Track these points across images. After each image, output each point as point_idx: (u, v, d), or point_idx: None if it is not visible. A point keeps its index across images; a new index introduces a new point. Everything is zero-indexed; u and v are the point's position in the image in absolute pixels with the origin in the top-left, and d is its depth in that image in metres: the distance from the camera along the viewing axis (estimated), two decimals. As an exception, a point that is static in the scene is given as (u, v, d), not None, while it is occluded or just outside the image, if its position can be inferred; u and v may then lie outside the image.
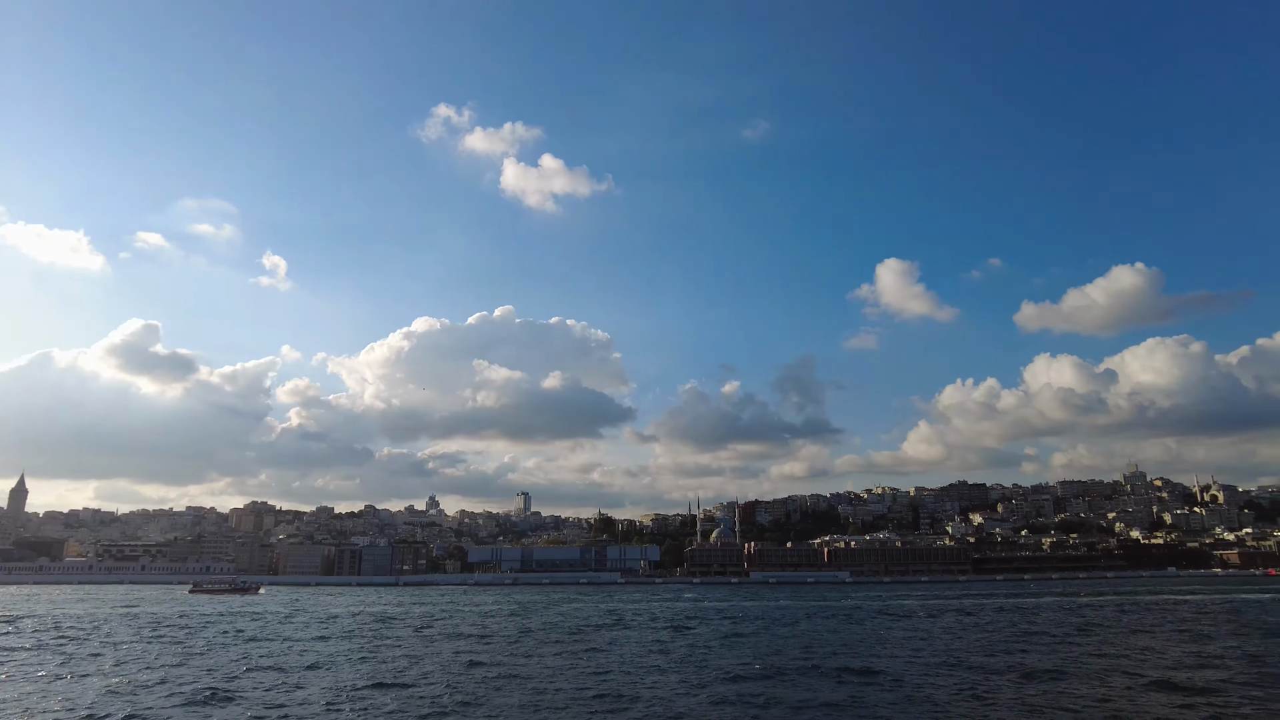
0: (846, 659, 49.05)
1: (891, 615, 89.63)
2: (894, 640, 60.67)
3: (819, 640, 61.67)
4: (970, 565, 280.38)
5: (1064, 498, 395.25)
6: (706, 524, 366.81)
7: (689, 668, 46.34)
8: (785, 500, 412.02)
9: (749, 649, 55.99)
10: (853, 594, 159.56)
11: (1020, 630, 68.01)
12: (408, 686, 39.94)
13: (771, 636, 65.61)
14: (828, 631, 69.69)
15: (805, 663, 47.82)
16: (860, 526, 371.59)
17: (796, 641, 61.09)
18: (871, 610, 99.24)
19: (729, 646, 57.98)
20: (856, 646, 56.40)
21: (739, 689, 38.36)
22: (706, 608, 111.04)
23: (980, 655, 49.96)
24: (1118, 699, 34.12)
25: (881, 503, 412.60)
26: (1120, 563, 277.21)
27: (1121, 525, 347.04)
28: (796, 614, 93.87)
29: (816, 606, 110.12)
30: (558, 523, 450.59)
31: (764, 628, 74.51)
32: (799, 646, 57.23)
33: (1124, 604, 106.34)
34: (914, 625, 74.79)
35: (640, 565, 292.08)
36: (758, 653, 53.36)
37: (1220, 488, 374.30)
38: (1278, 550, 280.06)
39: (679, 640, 63.26)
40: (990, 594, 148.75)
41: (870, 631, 69.04)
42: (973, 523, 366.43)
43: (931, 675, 41.74)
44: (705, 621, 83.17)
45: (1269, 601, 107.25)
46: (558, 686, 39.63)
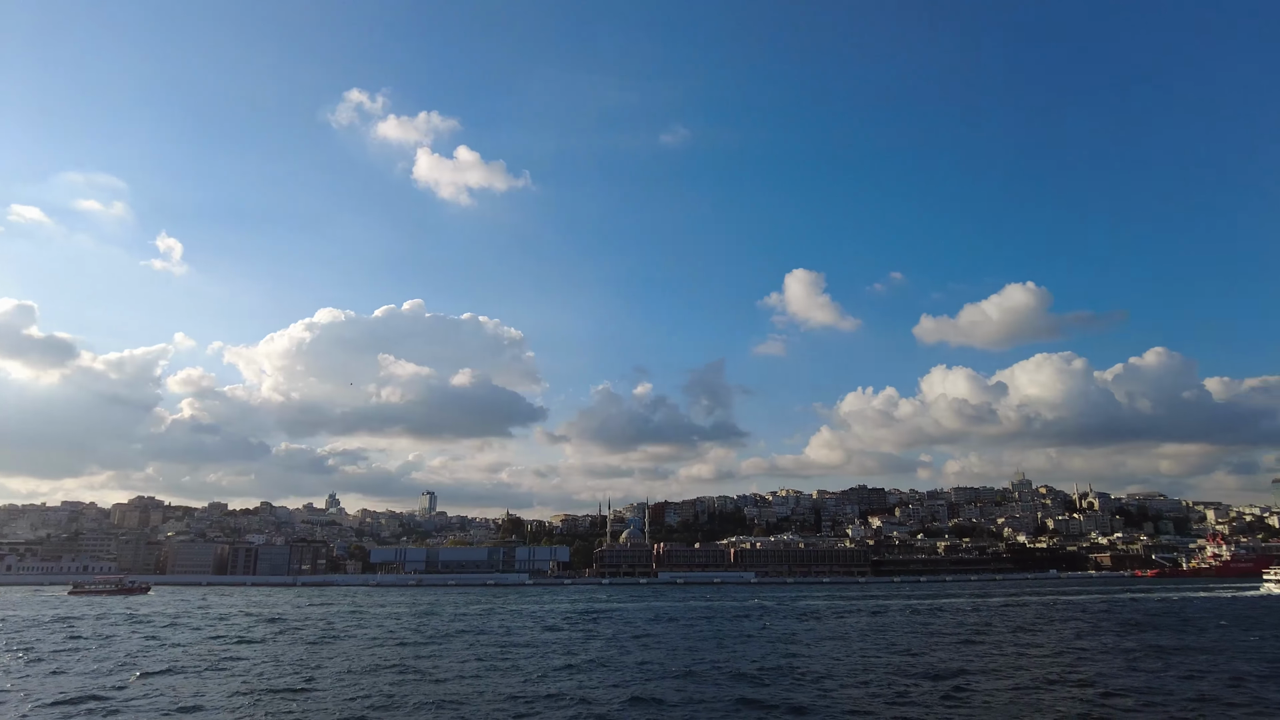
0: (763, 661, 49.74)
1: (802, 616, 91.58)
2: (806, 639, 62.06)
3: (730, 642, 62.40)
4: (869, 567, 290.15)
5: (957, 503, 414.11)
6: (616, 525, 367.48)
7: (600, 669, 46.08)
8: (694, 501, 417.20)
9: (662, 650, 56.15)
10: (760, 594, 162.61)
11: (933, 629, 70.66)
12: (306, 692, 38.30)
13: (685, 637, 66.09)
14: (739, 634, 70.59)
15: (720, 666, 48.21)
16: (765, 528, 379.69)
17: (711, 642, 61.64)
18: (781, 612, 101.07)
19: (643, 647, 58.02)
20: (775, 648, 57.33)
21: (656, 688, 38.35)
22: (614, 608, 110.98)
23: (898, 654, 51.58)
24: (1027, 691, 35.91)
25: (786, 505, 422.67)
26: (1008, 566, 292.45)
27: (1009, 530, 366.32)
28: (704, 614, 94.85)
29: (731, 607, 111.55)
30: (464, 523, 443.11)
31: (678, 628, 74.97)
32: (713, 647, 57.75)
33: (1010, 604, 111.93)
34: (834, 626, 76.67)
35: (549, 566, 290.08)
36: (672, 654, 53.55)
37: (1096, 495, 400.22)
38: (1144, 553, 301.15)
39: (590, 641, 63.00)
40: (891, 595, 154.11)
41: (786, 632, 70.35)
42: (871, 526, 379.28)
43: (855, 675, 42.77)
44: (612, 621, 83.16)
45: (1141, 600, 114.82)
46: (463, 690, 38.72)
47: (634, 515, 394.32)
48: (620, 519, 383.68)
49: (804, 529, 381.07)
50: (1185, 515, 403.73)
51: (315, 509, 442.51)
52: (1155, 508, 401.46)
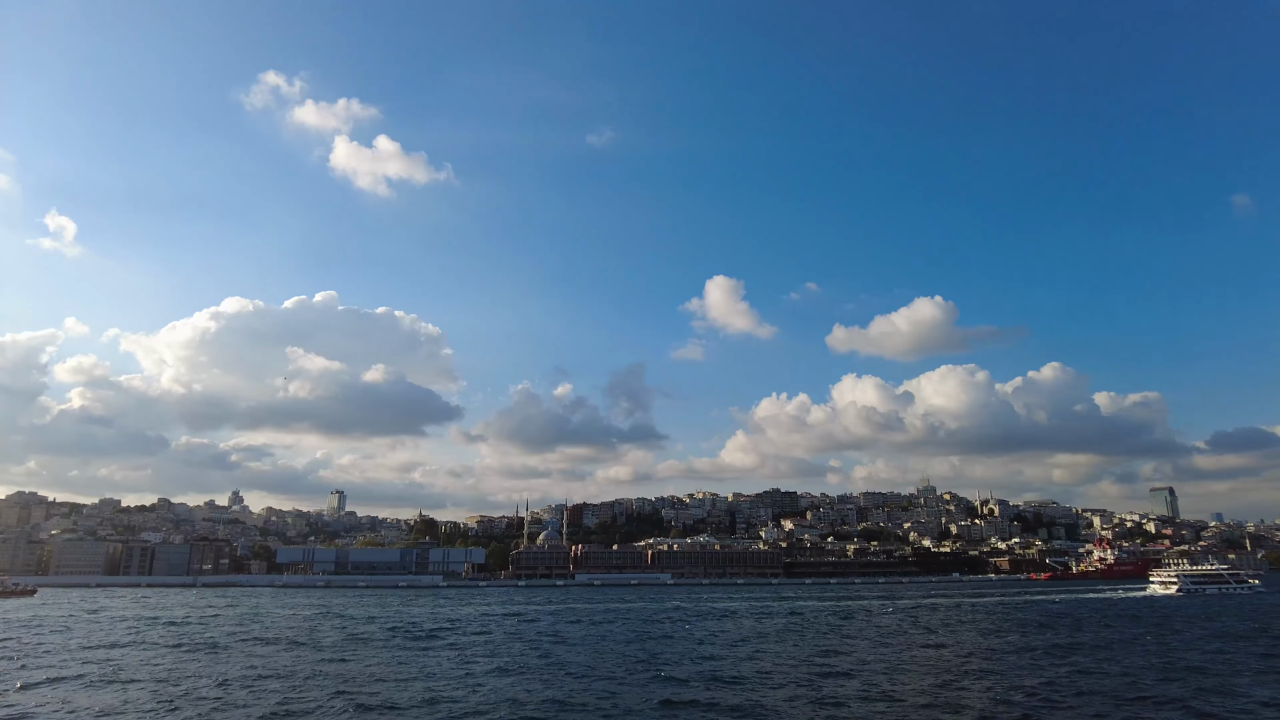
0: (684, 664, 50.28)
1: (721, 617, 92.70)
2: (725, 640, 63.00)
3: (650, 643, 62.81)
4: (782, 569, 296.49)
5: (866, 508, 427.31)
6: (534, 526, 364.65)
7: (518, 674, 45.68)
8: (612, 503, 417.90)
9: (581, 653, 56.12)
10: (677, 596, 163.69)
11: (850, 631, 72.67)
12: (211, 700, 36.74)
13: (603, 639, 66.16)
14: (658, 636, 71.07)
15: (641, 668, 48.48)
16: (682, 530, 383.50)
17: (632, 645, 61.90)
18: (700, 614, 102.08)
19: (562, 650, 57.83)
20: (695, 649, 57.99)
21: (577, 693, 38.30)
22: (530, 610, 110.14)
23: (820, 655, 52.94)
24: (942, 689, 37.41)
25: (702, 507, 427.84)
26: (914, 569, 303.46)
27: (915, 535, 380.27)
28: (620, 615, 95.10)
29: (648, 609, 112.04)
30: (375, 524, 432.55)
31: (595, 630, 74.99)
32: (634, 650, 58.06)
33: (920, 606, 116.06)
34: (753, 627, 77.89)
35: (464, 568, 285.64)
36: (597, 657, 53.58)
37: (996, 502, 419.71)
38: (1039, 558, 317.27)
39: (508, 644, 62.46)
40: (805, 596, 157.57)
41: (706, 634, 71.16)
42: (784, 528, 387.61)
43: (778, 676, 43.69)
44: (528, 623, 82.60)
45: (1039, 602, 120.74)
46: (383, 696, 37.79)
47: (551, 517, 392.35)
48: (537, 520, 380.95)
49: (720, 531, 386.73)
50: (1075, 521, 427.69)
51: (218, 506, 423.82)
52: (1049, 514, 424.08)
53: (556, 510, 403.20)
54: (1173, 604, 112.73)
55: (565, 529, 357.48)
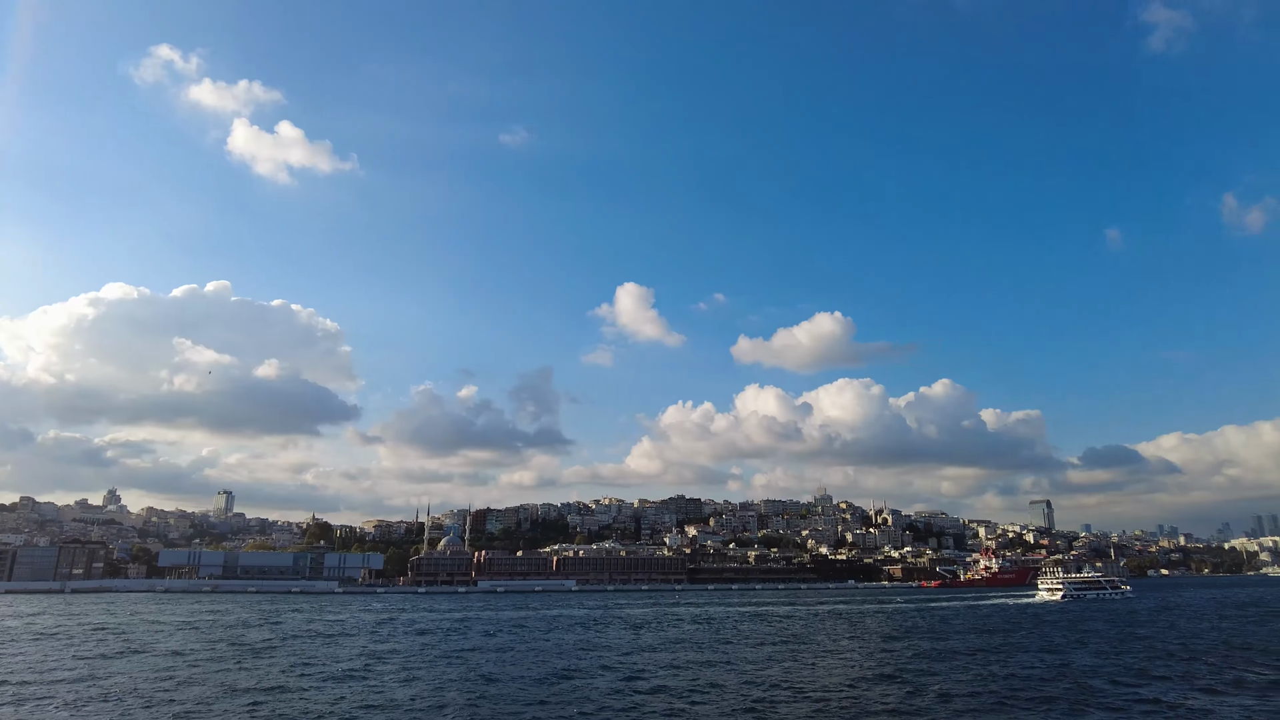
0: (589, 670, 49.87)
1: (628, 625, 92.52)
2: (634, 647, 62.89)
3: (553, 652, 62.08)
4: (686, 574, 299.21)
5: (767, 515, 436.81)
6: (435, 532, 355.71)
7: (417, 682, 43.89)
8: (517, 509, 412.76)
9: (482, 662, 54.97)
10: (584, 602, 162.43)
11: (758, 636, 73.62)
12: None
13: (508, 646, 65.02)
14: (563, 644, 70.35)
15: (543, 677, 47.85)
16: (588, 536, 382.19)
17: (534, 654, 61.03)
18: (606, 621, 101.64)
19: (461, 659, 56.50)
20: (602, 657, 57.60)
21: (480, 705, 36.93)
22: (431, 617, 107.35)
23: (731, 660, 53.39)
24: (851, 688, 38.34)
25: (608, 513, 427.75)
26: (812, 575, 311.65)
27: (813, 542, 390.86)
28: (520, 623, 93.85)
29: (552, 616, 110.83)
30: (265, 526, 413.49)
31: (497, 637, 73.62)
32: (536, 658, 57.27)
33: (819, 611, 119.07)
34: (664, 635, 77.97)
35: (361, 574, 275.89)
36: (503, 665, 52.57)
37: (890, 512, 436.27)
38: (929, 566, 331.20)
39: (405, 651, 60.54)
40: (711, 602, 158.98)
41: (615, 641, 70.84)
42: (688, 535, 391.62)
43: (692, 681, 43.77)
44: (429, 631, 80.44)
45: (937, 608, 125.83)
46: (271, 709, 35.74)
47: (453, 522, 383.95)
48: (438, 526, 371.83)
49: (625, 537, 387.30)
50: (962, 531, 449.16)
51: (90, 506, 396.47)
52: (938, 525, 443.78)
53: (458, 515, 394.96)
54: (1061, 608, 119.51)
55: (468, 535, 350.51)
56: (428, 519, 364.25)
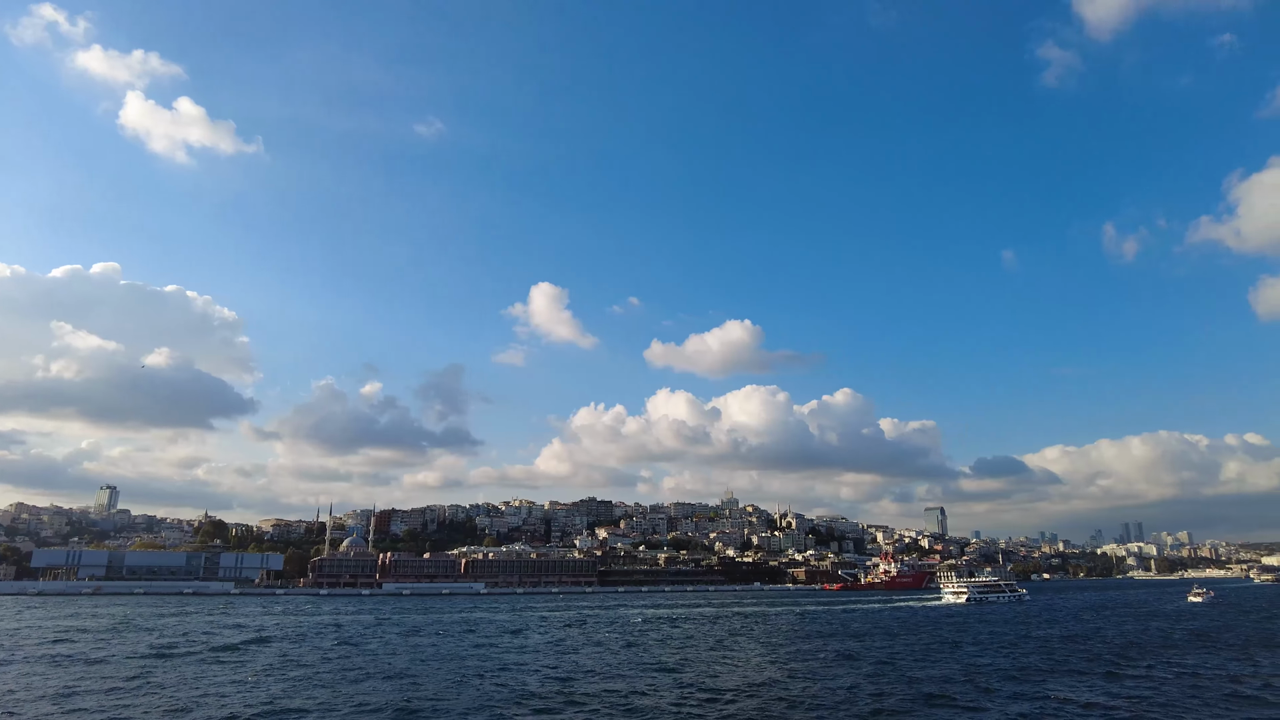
0: (503, 674, 50.05)
1: (539, 627, 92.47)
2: (554, 650, 63.20)
3: (464, 656, 61.81)
4: (597, 577, 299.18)
5: (676, 518, 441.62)
6: (337, 532, 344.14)
7: (320, 689, 42.76)
8: (423, 510, 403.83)
9: (387, 664, 54.38)
10: (496, 605, 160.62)
11: (676, 638, 74.96)
12: None
13: (416, 648, 64.28)
14: (472, 646, 70.02)
15: (455, 681, 47.81)
16: (496, 538, 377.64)
17: (443, 659, 60.63)
18: (514, 624, 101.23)
19: (367, 662, 55.72)
20: (520, 660, 57.75)
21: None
22: (333, 620, 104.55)
23: (652, 662, 54.36)
24: (767, 688, 39.92)
25: (518, 515, 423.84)
26: (720, 578, 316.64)
27: (721, 544, 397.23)
28: (421, 626, 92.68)
29: (461, 619, 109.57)
30: (152, 524, 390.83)
31: (404, 640, 72.61)
32: (445, 662, 56.97)
33: (723, 613, 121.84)
34: (584, 636, 78.31)
35: (259, 575, 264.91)
36: (415, 666, 52.11)
37: (794, 516, 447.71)
38: (831, 569, 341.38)
39: (301, 655, 59.03)
40: (623, 604, 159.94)
41: (531, 645, 70.89)
42: (598, 537, 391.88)
43: (612, 684, 44.49)
44: (330, 633, 78.52)
45: (852, 610, 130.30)
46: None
47: (357, 523, 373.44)
48: (341, 526, 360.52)
49: (535, 539, 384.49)
50: (862, 536, 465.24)
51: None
52: (840, 529, 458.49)
53: (362, 516, 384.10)
54: (970, 610, 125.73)
55: (372, 536, 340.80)
56: (330, 519, 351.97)
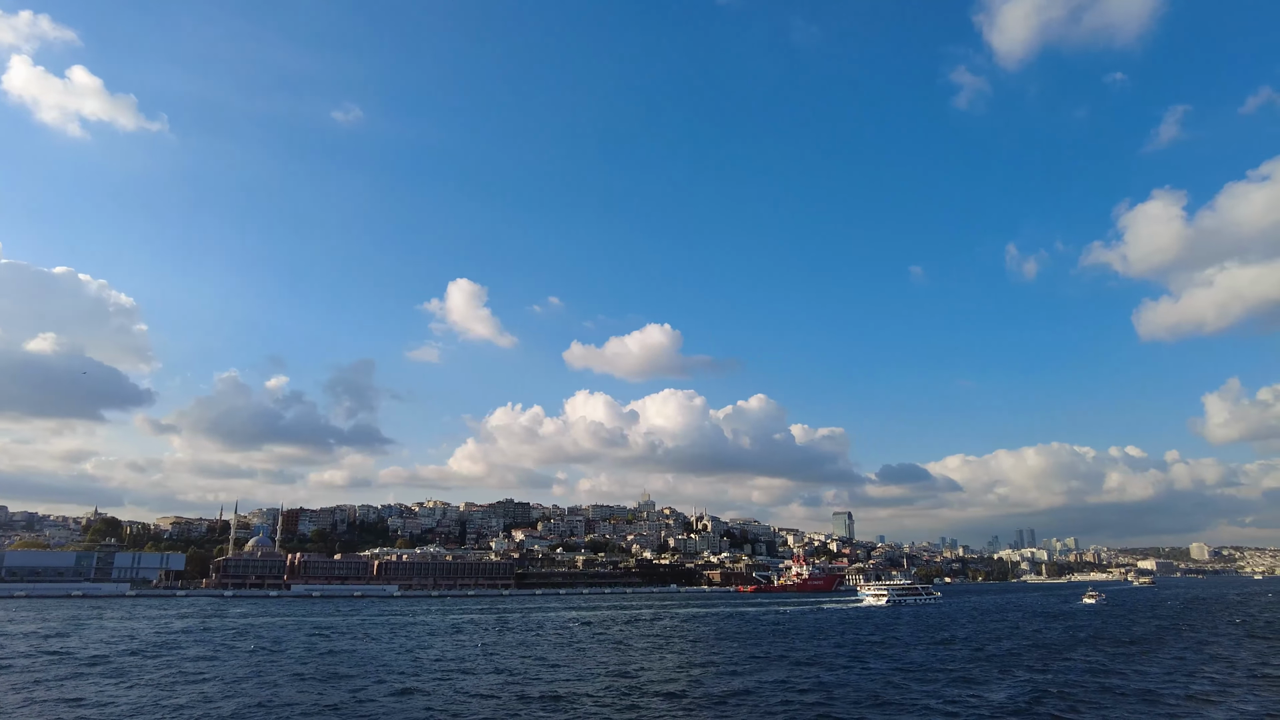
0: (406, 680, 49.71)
1: (456, 630, 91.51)
2: (482, 654, 62.89)
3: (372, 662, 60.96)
4: (514, 580, 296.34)
5: (594, 520, 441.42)
6: (242, 531, 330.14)
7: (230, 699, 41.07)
8: (333, 509, 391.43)
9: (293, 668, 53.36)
10: (414, 609, 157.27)
11: (597, 640, 75.41)
12: None
13: (333, 652, 63.05)
14: (383, 651, 69.05)
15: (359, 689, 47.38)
16: (409, 540, 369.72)
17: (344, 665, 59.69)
18: (431, 626, 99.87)
19: (266, 669, 54.49)
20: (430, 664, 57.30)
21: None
22: (240, 623, 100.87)
23: (605, 667, 54.75)
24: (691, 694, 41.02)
25: (431, 516, 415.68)
26: (637, 580, 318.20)
27: (638, 547, 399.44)
28: (328, 629, 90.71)
29: (378, 621, 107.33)
30: (34, 521, 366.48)
31: (318, 643, 70.96)
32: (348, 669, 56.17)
33: (641, 616, 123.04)
34: (515, 640, 77.85)
35: (158, 575, 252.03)
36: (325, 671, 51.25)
37: (710, 519, 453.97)
38: (746, 571, 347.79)
39: (200, 660, 57.18)
40: (546, 607, 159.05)
41: (454, 649, 70.17)
42: (515, 539, 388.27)
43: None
44: (236, 635, 75.96)
45: (767, 614, 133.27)
46: None
47: (263, 522, 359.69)
48: (246, 525, 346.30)
49: (449, 541, 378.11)
50: (773, 539, 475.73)
51: None
52: (753, 532, 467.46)
53: (268, 515, 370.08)
54: (892, 611, 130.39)
55: (279, 536, 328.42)
56: (234, 517, 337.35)
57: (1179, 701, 38.29)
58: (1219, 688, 42.48)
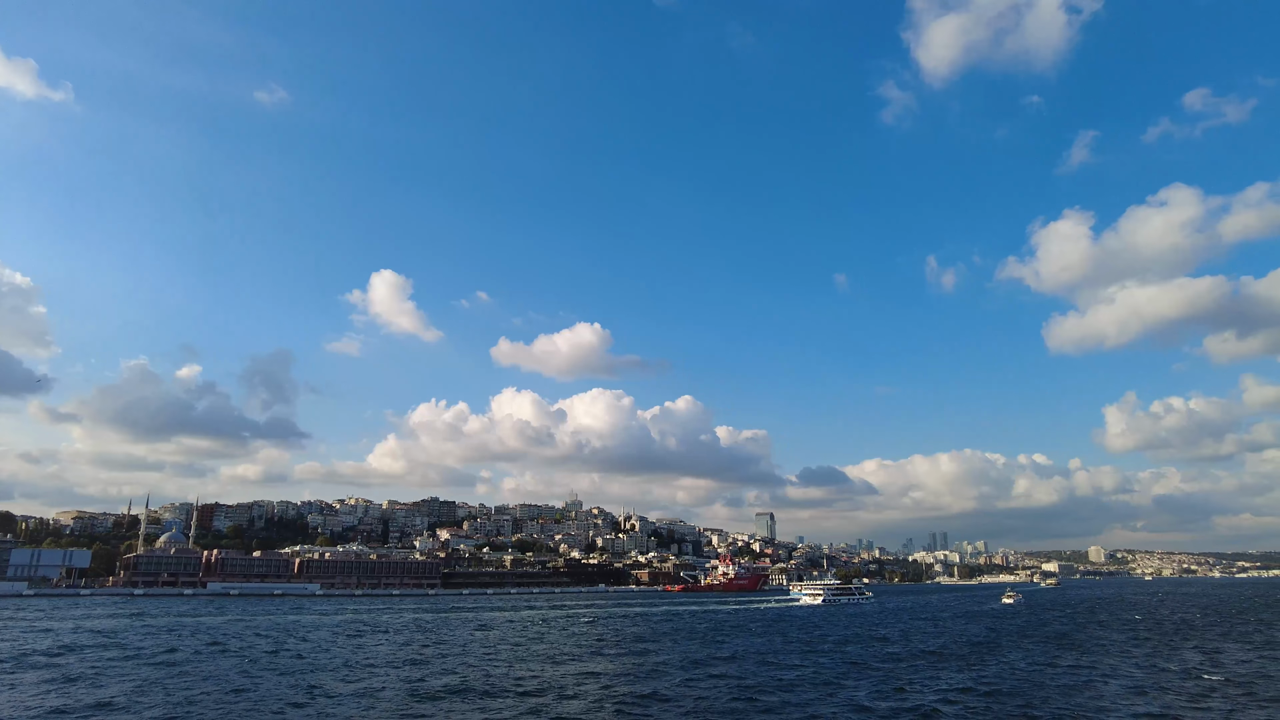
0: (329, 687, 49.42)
1: (384, 631, 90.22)
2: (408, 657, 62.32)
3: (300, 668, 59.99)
4: (441, 579, 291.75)
5: (521, 519, 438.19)
6: (152, 527, 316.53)
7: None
8: (250, 505, 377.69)
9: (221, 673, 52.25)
10: (343, 607, 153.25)
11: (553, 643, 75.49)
12: None
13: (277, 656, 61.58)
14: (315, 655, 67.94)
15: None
16: (330, 538, 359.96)
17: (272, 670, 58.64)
18: (365, 627, 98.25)
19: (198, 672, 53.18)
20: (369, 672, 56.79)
21: None
22: (158, 623, 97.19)
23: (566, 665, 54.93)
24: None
25: (353, 514, 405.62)
26: (566, 580, 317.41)
27: (566, 546, 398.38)
28: (262, 630, 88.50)
29: (306, 622, 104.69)
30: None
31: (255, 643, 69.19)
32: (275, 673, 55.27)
33: (574, 614, 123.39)
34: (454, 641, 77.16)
35: (60, 573, 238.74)
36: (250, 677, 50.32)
37: (638, 518, 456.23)
38: (674, 571, 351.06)
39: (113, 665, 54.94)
40: (481, 607, 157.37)
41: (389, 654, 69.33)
42: (440, 538, 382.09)
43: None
44: (157, 636, 73.28)
45: (706, 613, 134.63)
46: None
47: (174, 517, 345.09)
48: (156, 520, 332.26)
49: (372, 540, 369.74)
50: (699, 539, 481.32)
51: None
52: (679, 532, 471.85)
53: (181, 510, 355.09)
54: (829, 610, 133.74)
55: (194, 532, 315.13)
56: (144, 512, 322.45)
57: (1118, 692, 41.01)
58: (1139, 680, 45.64)
